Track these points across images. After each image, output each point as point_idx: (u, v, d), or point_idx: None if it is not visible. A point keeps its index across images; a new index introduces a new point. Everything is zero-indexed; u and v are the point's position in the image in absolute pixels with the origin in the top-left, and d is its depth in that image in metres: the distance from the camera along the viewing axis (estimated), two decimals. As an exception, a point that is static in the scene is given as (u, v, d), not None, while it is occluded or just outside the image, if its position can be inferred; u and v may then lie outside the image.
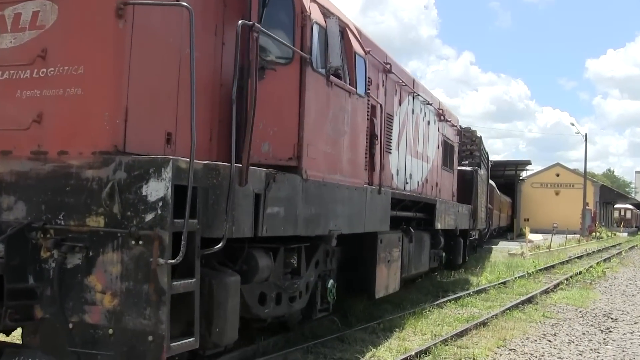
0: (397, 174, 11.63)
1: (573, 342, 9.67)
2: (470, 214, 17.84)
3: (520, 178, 63.68)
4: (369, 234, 9.45)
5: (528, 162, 59.95)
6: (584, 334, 10.37)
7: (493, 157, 52.09)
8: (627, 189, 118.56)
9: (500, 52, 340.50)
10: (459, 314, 11.49)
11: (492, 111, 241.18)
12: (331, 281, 8.74)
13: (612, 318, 12.07)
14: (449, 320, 10.61)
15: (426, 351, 8.14)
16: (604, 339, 10.08)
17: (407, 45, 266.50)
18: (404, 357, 7.75)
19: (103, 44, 5.34)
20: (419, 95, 12.92)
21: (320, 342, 8.28)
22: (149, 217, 5.04)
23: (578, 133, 62.77)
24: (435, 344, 8.49)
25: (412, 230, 11.58)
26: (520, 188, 63.00)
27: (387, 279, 10.15)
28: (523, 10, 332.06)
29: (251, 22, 5.99)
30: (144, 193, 5.09)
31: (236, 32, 5.78)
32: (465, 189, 19.06)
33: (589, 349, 9.24)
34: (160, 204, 5.03)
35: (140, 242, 5.01)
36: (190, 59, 5.24)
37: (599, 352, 9.08)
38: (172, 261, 4.98)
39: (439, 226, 13.47)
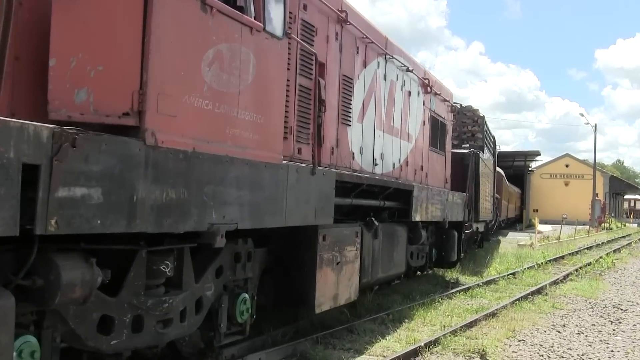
0: (361, 153, 8.87)
1: (582, 333, 9.28)
2: (464, 203, 14.75)
3: (530, 169, 61.27)
4: (307, 229, 6.75)
5: (537, 153, 57.61)
6: (594, 325, 9.96)
7: (503, 148, 49.27)
8: (637, 180, 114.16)
9: (510, 42, 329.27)
10: (468, 304, 10.98)
11: (502, 102, 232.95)
12: (245, 295, 6.08)
13: (621, 309, 11.58)
14: (458, 311, 10.14)
15: (435, 342, 7.73)
16: (614, 330, 9.68)
17: (416, 35, 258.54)
18: (413, 347, 7.35)
19: None
20: (393, 58, 10.04)
21: (329, 333, 7.87)
22: None
23: (587, 124, 59.57)
24: (445, 334, 8.06)
25: (377, 223, 8.73)
26: (530, 179, 60.64)
27: (336, 287, 7.42)
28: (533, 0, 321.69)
29: None
30: None
31: None
32: (464, 175, 16.27)
33: (598, 340, 8.83)
34: None
35: None
36: None
37: (608, 343, 8.66)
38: None
39: (417, 218, 10.54)
